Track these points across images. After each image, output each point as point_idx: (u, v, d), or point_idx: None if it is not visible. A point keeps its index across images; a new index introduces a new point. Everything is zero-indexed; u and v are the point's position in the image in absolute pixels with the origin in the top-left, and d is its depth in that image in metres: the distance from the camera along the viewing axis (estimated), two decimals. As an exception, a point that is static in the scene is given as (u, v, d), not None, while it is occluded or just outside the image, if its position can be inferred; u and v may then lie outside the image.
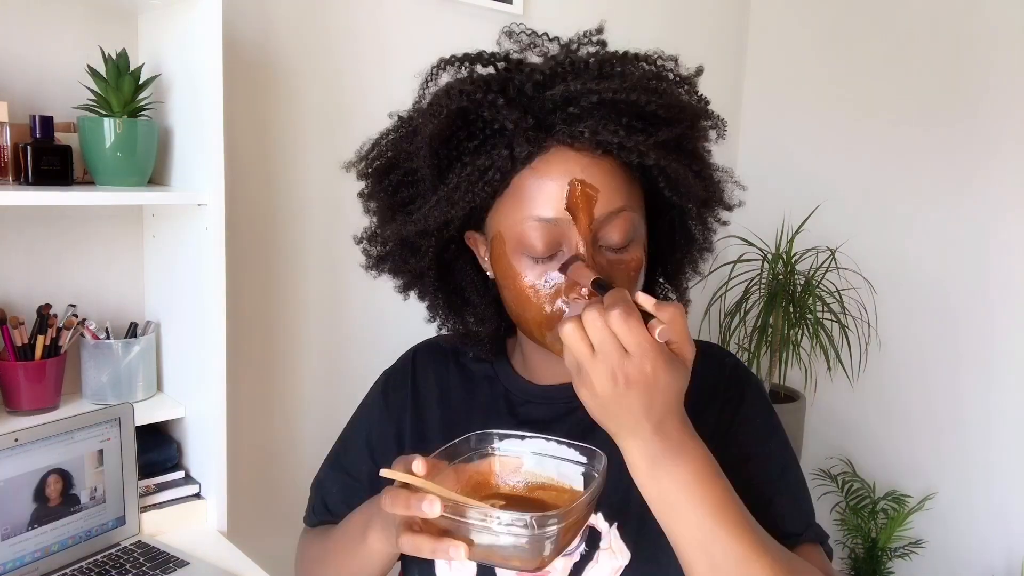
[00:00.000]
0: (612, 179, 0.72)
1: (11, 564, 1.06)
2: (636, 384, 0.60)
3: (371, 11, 1.64)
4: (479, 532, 0.59)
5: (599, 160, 0.72)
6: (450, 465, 0.68)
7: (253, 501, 1.59)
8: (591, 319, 0.61)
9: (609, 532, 0.79)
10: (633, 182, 0.75)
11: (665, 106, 0.72)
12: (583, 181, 0.71)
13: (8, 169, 1.16)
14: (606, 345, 0.60)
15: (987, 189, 2.06)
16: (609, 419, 0.63)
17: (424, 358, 0.96)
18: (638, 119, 0.72)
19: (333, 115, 1.62)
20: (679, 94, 0.78)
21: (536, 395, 0.87)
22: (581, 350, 0.61)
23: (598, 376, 0.61)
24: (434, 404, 0.91)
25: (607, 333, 0.60)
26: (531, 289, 0.75)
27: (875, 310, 2.24)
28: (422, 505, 0.59)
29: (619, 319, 0.60)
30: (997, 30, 2.02)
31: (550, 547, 0.60)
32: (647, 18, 2.21)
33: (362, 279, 1.70)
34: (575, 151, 0.72)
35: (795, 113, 2.45)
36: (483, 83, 0.74)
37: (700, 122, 0.78)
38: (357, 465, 0.94)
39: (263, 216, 1.56)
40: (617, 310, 0.60)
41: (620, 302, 0.61)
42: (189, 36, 1.23)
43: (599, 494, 0.65)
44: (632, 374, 0.60)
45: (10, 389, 1.21)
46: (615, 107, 0.71)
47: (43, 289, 1.30)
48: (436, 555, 0.60)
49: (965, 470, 2.16)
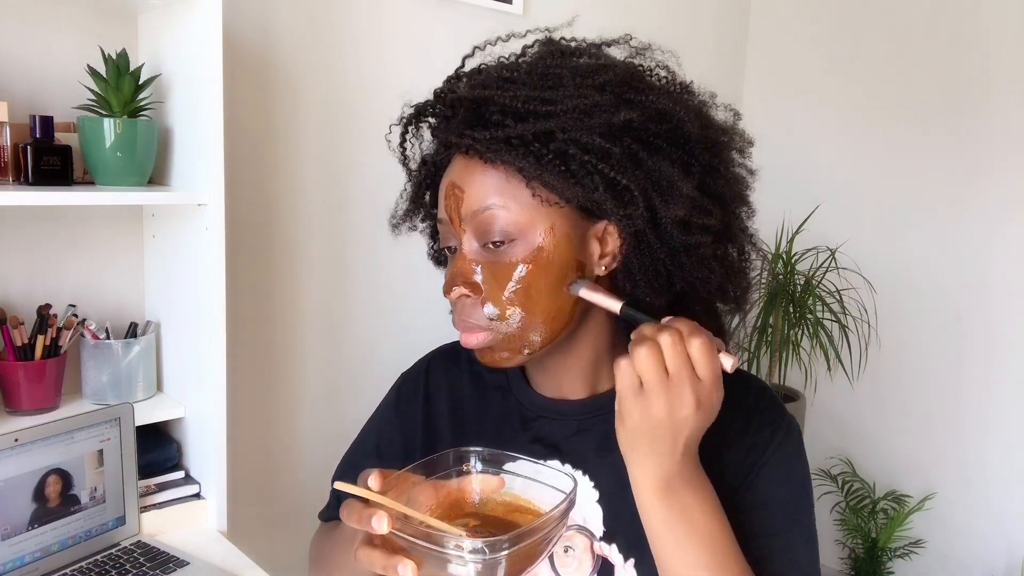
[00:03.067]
0: (484, 179, 0.72)
1: (11, 564, 1.06)
2: (703, 410, 0.63)
3: (371, 11, 1.64)
4: (427, 552, 0.58)
5: (472, 162, 0.73)
6: (427, 480, 0.67)
7: (253, 501, 1.59)
8: (670, 343, 0.63)
9: (624, 566, 0.77)
10: (520, 186, 0.71)
11: (523, 98, 0.70)
12: (451, 183, 0.74)
13: (8, 169, 1.16)
14: (685, 371, 0.63)
15: (987, 189, 2.06)
16: (647, 440, 0.65)
17: (438, 367, 0.94)
18: (504, 115, 0.71)
19: (333, 115, 1.62)
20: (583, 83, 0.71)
21: (548, 410, 0.84)
22: (656, 372, 0.63)
23: (671, 399, 0.63)
24: (446, 415, 0.90)
25: (685, 359, 0.63)
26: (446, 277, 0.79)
27: (875, 310, 2.24)
28: (371, 520, 0.59)
29: (703, 348, 0.63)
30: (998, 29, 2.02)
31: (501, 574, 0.58)
32: (647, 18, 2.21)
33: (362, 279, 1.72)
34: (460, 155, 0.75)
35: (795, 113, 2.45)
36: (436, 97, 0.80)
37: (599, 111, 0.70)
38: (366, 466, 0.93)
39: (263, 216, 1.56)
40: (702, 339, 0.63)
41: (701, 331, 0.64)
42: (189, 36, 1.23)
43: (562, 521, 0.62)
44: (703, 400, 0.63)
45: (10, 389, 1.21)
46: (471, 106, 0.73)
47: (43, 289, 1.30)
48: (387, 571, 0.60)
49: (965, 470, 2.16)
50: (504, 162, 0.71)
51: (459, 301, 0.74)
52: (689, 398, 0.63)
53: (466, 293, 0.73)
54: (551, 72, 0.73)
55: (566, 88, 0.71)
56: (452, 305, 0.76)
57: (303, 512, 1.07)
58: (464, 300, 0.74)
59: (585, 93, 0.70)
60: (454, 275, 0.74)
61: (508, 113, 0.70)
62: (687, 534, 0.66)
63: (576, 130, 0.69)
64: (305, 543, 1.04)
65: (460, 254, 0.74)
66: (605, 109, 0.70)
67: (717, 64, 2.51)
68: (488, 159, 0.72)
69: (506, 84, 0.72)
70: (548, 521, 0.60)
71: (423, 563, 0.58)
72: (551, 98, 0.70)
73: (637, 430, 0.65)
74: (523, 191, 0.71)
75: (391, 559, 0.60)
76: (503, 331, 0.73)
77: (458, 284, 0.73)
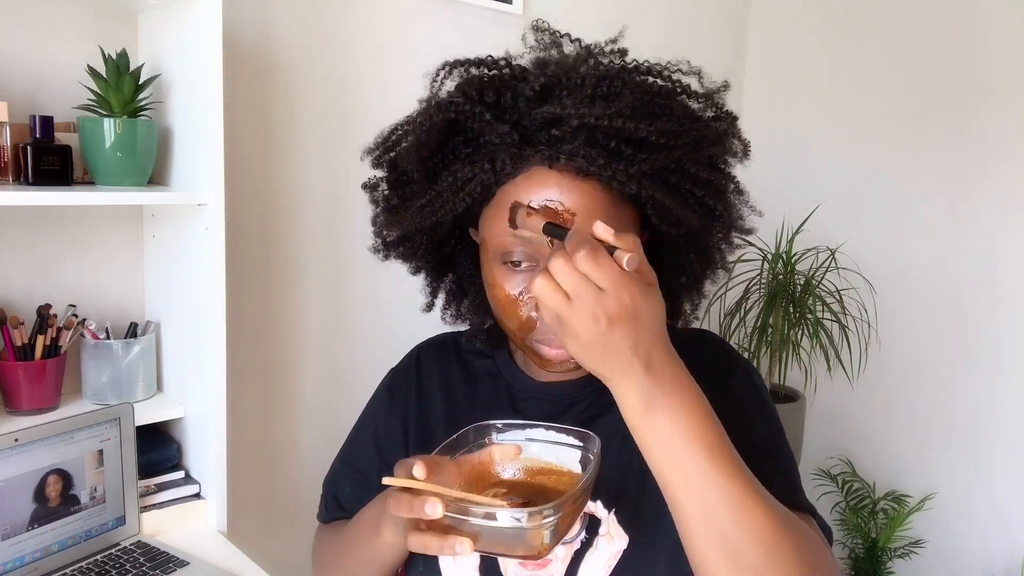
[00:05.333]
0: (593, 202, 0.72)
1: (11, 564, 1.06)
2: (618, 319, 0.60)
3: (371, 11, 1.64)
4: (482, 527, 0.61)
5: (581, 183, 0.72)
6: (452, 459, 0.70)
7: (253, 501, 1.59)
8: (558, 267, 0.60)
9: (608, 518, 0.80)
10: (622, 205, 0.74)
11: (657, 132, 0.70)
12: (555, 203, 0.72)
13: (8, 169, 1.16)
14: (580, 288, 0.59)
15: (987, 189, 2.06)
16: (598, 364, 0.63)
17: (428, 356, 0.97)
18: (626, 144, 0.71)
19: (333, 115, 1.62)
20: (685, 115, 0.75)
21: (538, 391, 0.88)
22: (557, 301, 0.60)
23: (580, 321, 0.60)
24: (438, 401, 0.93)
25: (577, 276, 0.60)
26: (508, 298, 0.77)
27: (875, 310, 2.24)
28: (424, 508, 0.60)
29: (587, 259, 0.59)
30: (999, 29, 2.02)
31: (551, 535, 0.62)
32: (648, 19, 2.21)
33: (363, 278, 1.71)
34: (557, 172, 0.72)
35: (795, 113, 2.45)
36: (477, 93, 0.74)
37: (708, 145, 0.75)
38: (366, 462, 0.95)
39: (263, 216, 1.56)
40: (583, 250, 0.59)
41: (584, 242, 0.60)
42: (189, 36, 1.23)
43: (596, 477, 0.66)
44: (612, 310, 0.59)
45: (10, 389, 1.21)
46: (599, 132, 0.70)
47: (43, 289, 1.30)
48: (443, 552, 0.62)
49: (965, 470, 2.16)
50: (628, 188, 0.71)
51: None
52: (596, 313, 0.59)
53: None
54: (662, 102, 0.74)
55: (679, 120, 0.74)
56: (532, 320, 0.76)
57: (303, 512, 1.08)
58: None
59: (695, 126, 0.74)
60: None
61: (632, 143, 0.71)
62: (679, 440, 0.63)
63: (688, 162, 0.74)
64: (305, 543, 1.04)
65: None
66: (709, 142, 0.75)
67: (717, 64, 2.51)
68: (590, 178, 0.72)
69: (633, 113, 0.71)
70: (588, 480, 0.64)
71: (477, 538, 0.61)
72: (673, 131, 0.72)
73: (583, 359, 0.63)
74: (629, 213, 0.75)
75: (446, 540, 0.61)
76: None
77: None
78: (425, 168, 0.77)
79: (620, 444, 0.81)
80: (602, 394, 0.85)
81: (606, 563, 0.80)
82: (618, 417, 0.83)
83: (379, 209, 0.87)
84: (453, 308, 0.94)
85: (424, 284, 0.93)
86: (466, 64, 0.79)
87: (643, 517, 0.79)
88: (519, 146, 0.72)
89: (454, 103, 0.74)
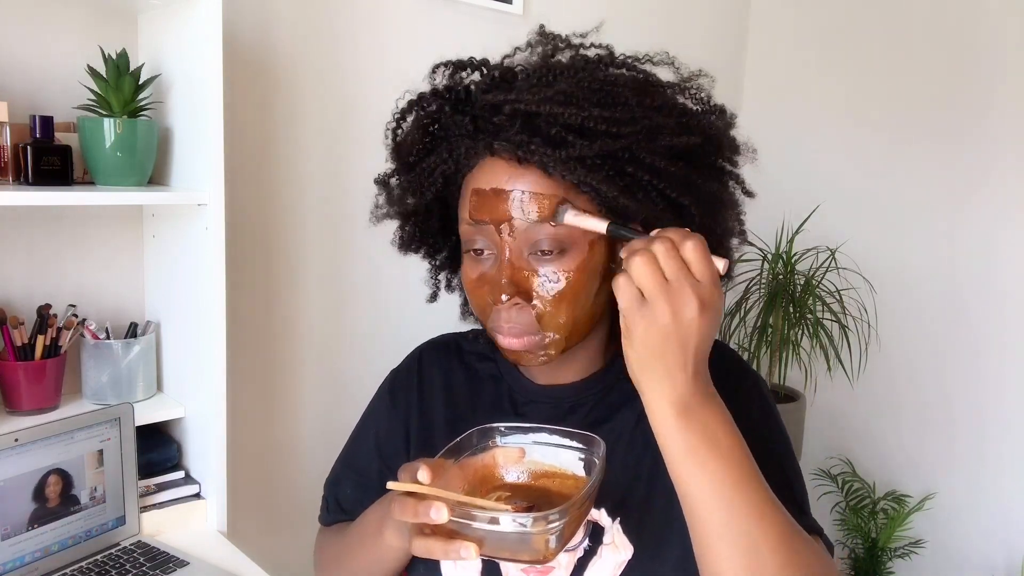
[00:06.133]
0: (539, 188, 0.73)
1: (11, 564, 1.06)
2: (707, 308, 0.62)
3: (371, 11, 1.64)
4: (487, 531, 0.61)
5: (524, 170, 0.73)
6: (455, 462, 0.70)
7: (253, 501, 1.59)
8: (664, 250, 0.62)
9: (612, 527, 0.80)
10: (575, 193, 0.74)
11: (595, 118, 0.71)
12: (494, 190, 0.74)
13: (8, 169, 1.16)
14: (682, 273, 0.61)
15: (988, 189, 2.06)
16: (657, 356, 0.63)
17: (430, 357, 0.97)
18: (567, 131, 0.71)
19: (333, 115, 1.62)
20: (641, 103, 0.74)
21: (540, 395, 0.88)
22: (655, 280, 0.61)
23: (674, 303, 0.61)
24: (439, 403, 0.93)
25: (680, 263, 0.62)
26: (471, 286, 0.79)
27: (875, 310, 2.24)
28: (430, 512, 0.60)
29: (697, 249, 0.62)
30: (999, 29, 2.02)
31: (556, 540, 0.62)
32: (647, 18, 2.21)
33: (363, 278, 1.71)
34: (504, 160, 0.74)
35: (795, 113, 2.45)
36: (445, 90, 0.78)
37: (669, 135, 0.74)
38: (367, 464, 0.95)
39: (263, 216, 1.56)
40: (694, 241, 0.62)
41: (692, 235, 0.63)
42: (189, 36, 1.23)
43: (601, 481, 0.66)
44: (706, 298, 0.62)
45: (10, 389, 1.21)
46: (538, 119, 0.71)
47: (43, 289, 1.30)
48: (448, 557, 0.62)
49: (965, 470, 2.16)
50: (561, 174, 0.71)
51: (506, 306, 0.75)
52: (691, 299, 0.61)
53: (517, 301, 0.74)
54: (610, 89, 0.74)
55: (630, 108, 0.73)
56: (491, 308, 0.77)
57: (303, 512, 1.08)
58: (512, 306, 0.75)
59: (649, 115, 0.73)
60: (504, 283, 0.74)
61: (573, 130, 0.71)
62: (711, 453, 0.63)
63: (642, 151, 0.73)
64: (305, 543, 1.04)
65: (506, 261, 0.75)
66: (669, 132, 0.74)
67: (717, 64, 2.51)
68: (530, 164, 0.73)
69: (569, 99, 0.71)
70: (593, 484, 0.65)
71: (482, 543, 0.61)
72: (619, 118, 0.72)
73: (645, 343, 0.63)
74: (584, 199, 0.74)
75: (451, 544, 0.61)
76: (550, 335, 0.76)
77: (508, 292, 0.74)
78: (402, 160, 0.82)
79: (624, 450, 0.81)
80: (605, 399, 0.85)
81: (611, 573, 0.79)
82: (622, 424, 0.83)
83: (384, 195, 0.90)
84: (463, 306, 0.95)
85: (429, 276, 0.94)
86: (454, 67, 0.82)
87: (648, 527, 0.79)
88: (473, 136, 0.75)
89: (421, 97, 0.80)
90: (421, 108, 0.80)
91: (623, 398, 0.83)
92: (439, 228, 0.88)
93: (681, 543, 0.70)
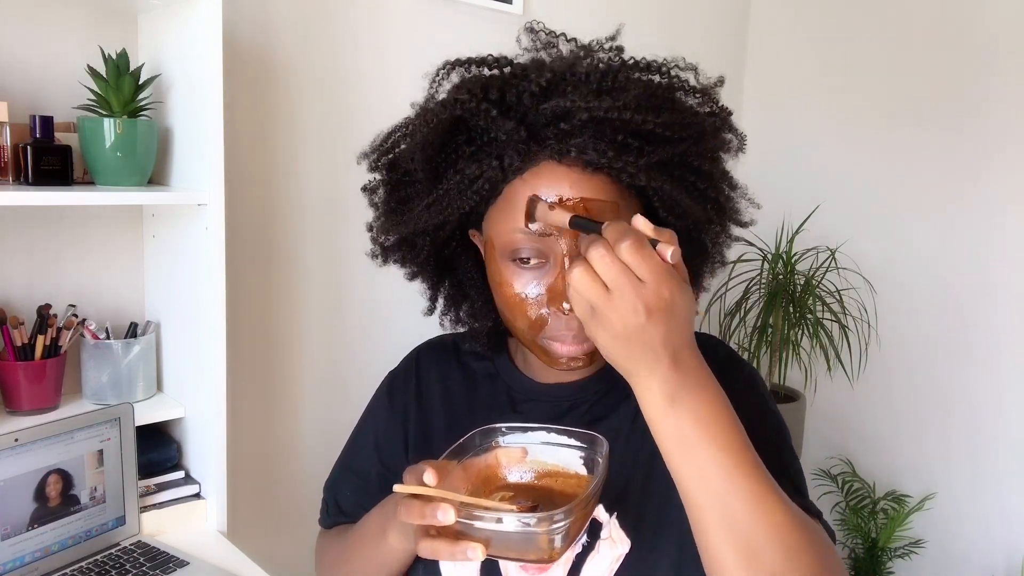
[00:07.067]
0: (602, 195, 0.73)
1: (11, 564, 1.06)
2: (656, 311, 0.59)
3: (371, 11, 1.64)
4: (493, 531, 0.61)
5: (590, 176, 0.72)
6: (458, 463, 0.70)
7: (253, 501, 1.59)
8: (599, 256, 0.59)
9: (609, 522, 0.80)
10: (629, 198, 0.75)
11: (663, 124, 0.71)
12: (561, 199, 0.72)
13: (8, 169, 1.16)
14: (622, 279, 0.59)
15: (988, 188, 2.06)
16: (627, 357, 0.62)
17: (427, 358, 0.97)
18: (633, 137, 0.71)
19: (333, 115, 1.62)
20: (687, 109, 0.76)
21: (538, 393, 0.88)
22: (596, 291, 0.59)
23: (618, 312, 0.59)
24: (437, 404, 0.92)
25: (619, 267, 0.59)
26: (517, 297, 0.76)
27: (875, 310, 2.24)
28: (436, 514, 0.60)
29: (631, 249, 0.59)
30: (998, 28, 2.02)
31: (562, 540, 0.62)
32: (647, 18, 2.21)
33: (363, 278, 1.71)
34: (566, 166, 0.72)
35: (795, 113, 2.45)
36: (481, 91, 0.74)
37: (709, 138, 0.77)
38: (366, 466, 0.95)
39: (263, 216, 1.56)
40: (628, 240, 0.59)
41: (627, 233, 0.60)
42: (189, 36, 1.23)
43: (605, 479, 0.66)
44: (651, 302, 0.59)
45: (10, 389, 1.21)
46: (607, 125, 0.70)
47: (43, 289, 1.30)
48: (455, 558, 0.61)
49: (965, 470, 2.16)
50: (638, 180, 0.71)
51: (569, 315, 0.73)
52: (635, 306, 0.58)
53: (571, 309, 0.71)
54: (670, 95, 0.76)
55: (685, 113, 0.75)
56: (546, 317, 0.75)
57: (303, 512, 1.08)
58: (569, 312, 0.73)
59: (698, 119, 0.75)
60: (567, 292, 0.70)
61: (640, 136, 0.71)
62: (702, 441, 0.62)
63: (692, 154, 0.75)
64: (305, 542, 1.04)
65: (566, 268, 0.72)
66: (711, 134, 0.76)
67: (717, 64, 2.51)
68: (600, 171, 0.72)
69: (640, 105, 0.71)
70: (598, 483, 0.65)
71: (488, 543, 0.61)
72: (680, 123, 0.73)
73: (612, 350, 0.62)
74: (636, 206, 0.75)
75: (457, 546, 0.61)
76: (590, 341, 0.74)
77: (569, 300, 0.70)
78: (430, 167, 0.77)
79: (623, 447, 0.81)
80: (603, 397, 0.85)
81: (608, 567, 0.79)
82: (620, 420, 0.83)
83: (378, 213, 0.87)
84: (452, 313, 0.93)
85: (424, 288, 0.93)
86: (467, 63, 0.79)
87: (645, 521, 0.79)
88: (526, 142, 0.72)
89: (460, 100, 0.73)
90: (459, 110, 0.73)
91: (621, 394, 0.83)
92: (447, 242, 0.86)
93: (678, 536, 0.69)
